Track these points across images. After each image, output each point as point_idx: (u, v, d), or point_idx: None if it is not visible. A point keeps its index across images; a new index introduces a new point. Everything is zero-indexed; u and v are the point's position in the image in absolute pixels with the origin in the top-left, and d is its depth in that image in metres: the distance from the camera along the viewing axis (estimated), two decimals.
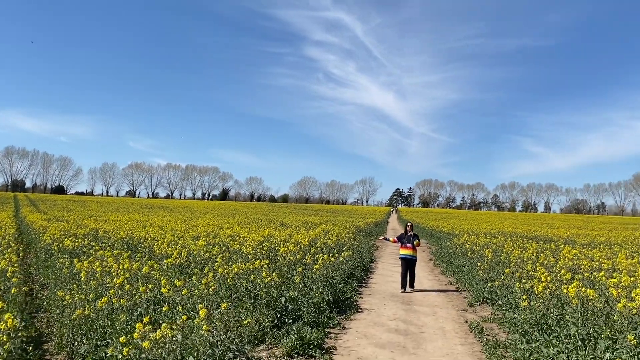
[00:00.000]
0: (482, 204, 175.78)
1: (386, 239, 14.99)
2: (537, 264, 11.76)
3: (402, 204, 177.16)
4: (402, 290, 12.85)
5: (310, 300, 9.06)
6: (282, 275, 10.45)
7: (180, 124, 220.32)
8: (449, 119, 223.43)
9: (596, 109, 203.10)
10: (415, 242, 13.28)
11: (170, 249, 12.80)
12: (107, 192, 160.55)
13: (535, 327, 7.36)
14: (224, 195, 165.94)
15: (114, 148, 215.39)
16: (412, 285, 13.11)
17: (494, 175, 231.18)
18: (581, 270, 10.35)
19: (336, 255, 13.45)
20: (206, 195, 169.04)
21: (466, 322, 9.46)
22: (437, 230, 34.10)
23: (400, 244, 13.47)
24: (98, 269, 9.01)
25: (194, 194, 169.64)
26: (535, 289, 8.40)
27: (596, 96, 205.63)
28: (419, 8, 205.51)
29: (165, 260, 10.63)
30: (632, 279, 8.46)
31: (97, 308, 7.20)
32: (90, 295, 7.97)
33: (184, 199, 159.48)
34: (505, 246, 16.80)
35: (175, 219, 30.30)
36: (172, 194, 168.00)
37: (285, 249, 12.25)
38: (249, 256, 11.85)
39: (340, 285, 11.10)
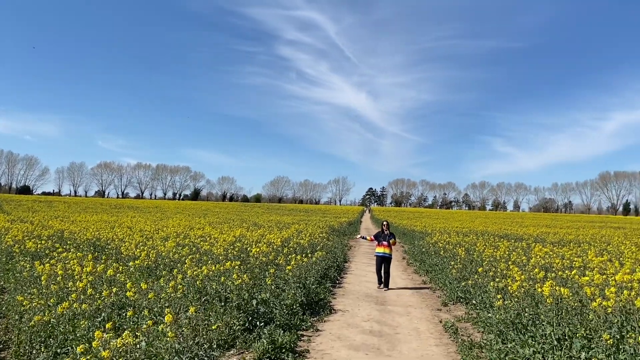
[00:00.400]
0: (453, 203, 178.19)
1: (363, 238, 15.09)
2: (509, 263, 11.80)
3: (375, 204, 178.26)
4: (379, 285, 13.16)
5: (282, 302, 8.81)
6: (254, 277, 10.20)
7: (152, 123, 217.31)
8: (421, 120, 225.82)
9: (564, 110, 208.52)
10: (391, 241, 13.47)
11: (138, 250, 12.40)
12: (75, 193, 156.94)
13: (510, 326, 7.28)
14: (196, 195, 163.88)
15: (82, 147, 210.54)
16: (386, 285, 13.15)
17: (465, 175, 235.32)
18: (554, 269, 10.38)
19: (309, 255, 13.25)
20: (177, 195, 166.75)
21: (440, 322, 9.36)
22: (410, 229, 34.26)
23: (376, 242, 13.62)
24: (60, 272, 8.61)
25: (165, 194, 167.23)
26: (509, 288, 8.35)
27: (564, 97, 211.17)
28: (392, 9, 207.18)
29: (131, 263, 10.24)
30: (604, 276, 8.51)
31: (58, 313, 6.84)
32: (51, 300, 7.59)
33: (155, 199, 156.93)
34: (478, 244, 16.90)
35: (145, 220, 29.64)
36: (142, 194, 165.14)
37: (257, 249, 11.97)
38: (220, 257, 11.55)
39: (313, 286, 10.89)
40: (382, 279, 13.16)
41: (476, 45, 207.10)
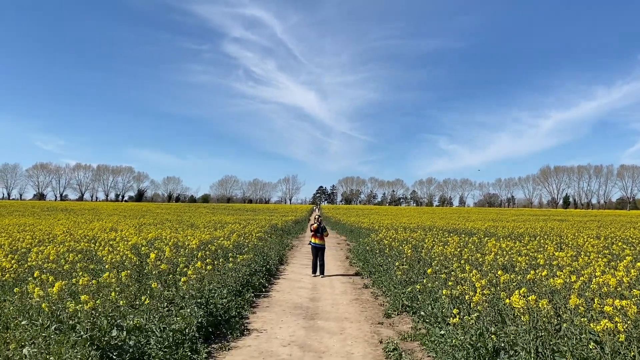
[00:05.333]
0: (401, 200, 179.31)
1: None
2: (462, 261, 9.99)
3: (326, 202, 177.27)
4: (313, 275, 14.41)
5: (170, 327, 6.52)
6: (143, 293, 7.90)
7: (93, 122, 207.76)
8: (369, 118, 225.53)
9: (504, 109, 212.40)
10: (324, 234, 15.05)
11: (5, 259, 9.79)
12: (9, 196, 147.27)
13: (472, 354, 5.32)
14: (140, 197, 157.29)
15: (17, 148, 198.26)
16: (322, 272, 14.47)
17: (413, 172, 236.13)
18: (516, 269, 8.58)
19: (231, 259, 11.07)
20: (120, 197, 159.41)
21: (381, 342, 7.33)
22: (357, 226, 32.43)
23: (312, 234, 15.15)
24: None
25: (107, 196, 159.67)
26: (467, 297, 6.42)
27: (504, 97, 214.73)
28: (336, 8, 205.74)
29: None
30: (582, 278, 6.75)
31: None
32: None
33: (96, 201, 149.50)
34: (426, 240, 15.13)
35: (69, 222, 26.41)
36: (82, 196, 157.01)
37: (155, 255, 9.51)
38: (107, 266, 9.14)
39: (223, 300, 8.57)
40: (317, 269, 14.47)
41: (418, 45, 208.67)
